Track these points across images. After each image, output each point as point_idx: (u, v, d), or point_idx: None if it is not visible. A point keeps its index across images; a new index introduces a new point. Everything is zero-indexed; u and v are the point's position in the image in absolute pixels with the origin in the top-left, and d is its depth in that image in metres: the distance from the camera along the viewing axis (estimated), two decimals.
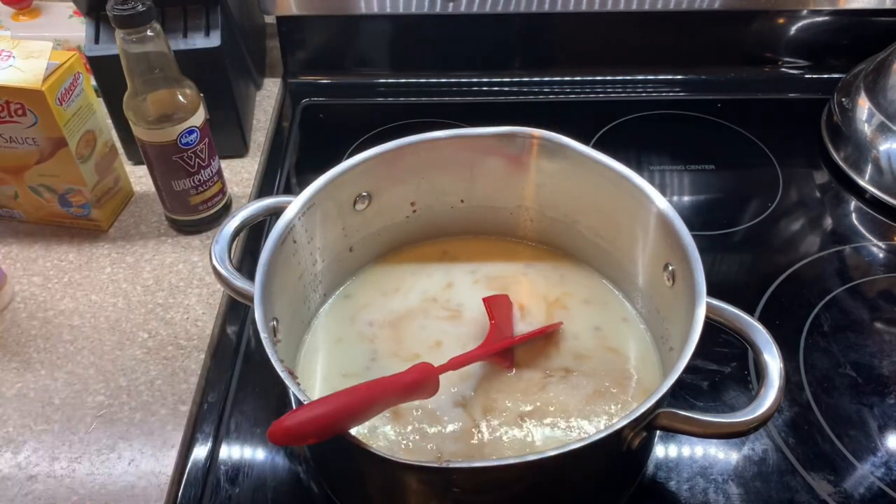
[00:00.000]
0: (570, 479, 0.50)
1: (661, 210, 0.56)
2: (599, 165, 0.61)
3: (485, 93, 0.98)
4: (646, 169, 0.85)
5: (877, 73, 0.84)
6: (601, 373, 0.59)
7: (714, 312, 0.51)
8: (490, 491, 0.48)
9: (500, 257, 0.69)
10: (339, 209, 0.62)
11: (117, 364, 0.64)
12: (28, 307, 0.69)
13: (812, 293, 0.70)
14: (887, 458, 0.58)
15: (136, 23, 0.62)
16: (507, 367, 0.59)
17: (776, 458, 0.58)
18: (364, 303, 0.66)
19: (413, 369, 0.50)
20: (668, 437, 0.59)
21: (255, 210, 0.59)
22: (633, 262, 0.62)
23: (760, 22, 0.96)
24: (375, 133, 0.88)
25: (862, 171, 0.82)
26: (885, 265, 0.74)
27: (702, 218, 0.80)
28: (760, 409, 0.46)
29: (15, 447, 0.58)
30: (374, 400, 0.46)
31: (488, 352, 0.58)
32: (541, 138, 0.63)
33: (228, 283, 0.54)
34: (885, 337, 0.67)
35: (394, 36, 0.97)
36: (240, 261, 0.74)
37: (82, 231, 0.76)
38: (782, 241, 0.77)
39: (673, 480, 0.57)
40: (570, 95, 0.98)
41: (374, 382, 0.47)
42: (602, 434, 0.44)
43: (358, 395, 0.45)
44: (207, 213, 0.75)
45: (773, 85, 0.99)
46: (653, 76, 0.99)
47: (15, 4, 0.91)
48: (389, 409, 0.52)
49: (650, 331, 0.62)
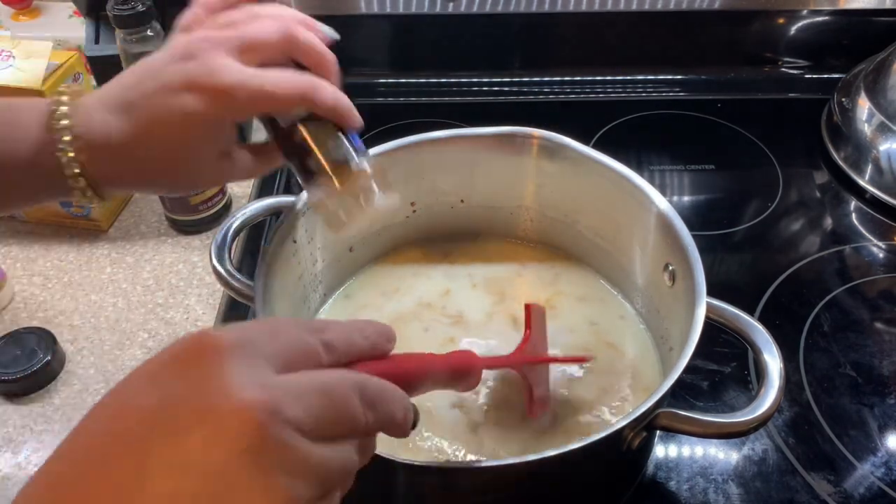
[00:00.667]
0: (570, 479, 0.50)
1: (661, 210, 0.56)
2: (599, 165, 0.61)
3: (485, 93, 0.98)
4: (646, 169, 0.85)
5: (877, 73, 0.84)
6: (602, 371, 0.59)
7: (714, 312, 0.51)
8: (490, 491, 0.48)
9: (500, 257, 0.69)
10: None
11: (117, 364, 0.64)
12: (28, 307, 0.69)
13: (812, 293, 0.70)
14: (887, 458, 0.58)
15: (136, 23, 0.62)
16: (536, 412, 0.53)
17: (776, 458, 0.58)
18: (364, 303, 0.66)
19: (461, 355, 0.44)
20: (668, 437, 0.59)
21: (255, 210, 0.59)
22: (633, 262, 0.62)
23: (760, 22, 0.96)
24: (375, 133, 0.88)
25: (862, 171, 0.82)
26: (885, 265, 0.74)
27: (702, 218, 0.80)
28: (760, 409, 0.46)
29: (15, 447, 0.58)
30: (425, 376, 0.40)
31: (525, 361, 0.53)
32: (541, 138, 0.63)
33: (228, 283, 0.54)
34: (885, 337, 0.67)
35: (394, 36, 0.97)
36: (240, 261, 0.73)
37: (82, 231, 0.76)
38: (782, 241, 0.77)
39: (673, 480, 0.57)
40: (570, 95, 0.98)
41: (425, 356, 0.41)
42: (602, 434, 0.44)
43: (412, 363, 0.39)
44: (207, 213, 0.75)
45: (773, 85, 0.99)
46: (653, 76, 0.99)
47: (15, 4, 0.91)
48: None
49: (650, 331, 0.62)
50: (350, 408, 0.31)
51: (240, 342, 0.30)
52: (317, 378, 0.31)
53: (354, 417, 0.31)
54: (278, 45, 0.44)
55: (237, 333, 0.30)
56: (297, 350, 0.32)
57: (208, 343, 0.29)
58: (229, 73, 0.42)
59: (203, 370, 0.29)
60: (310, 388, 0.30)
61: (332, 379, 0.32)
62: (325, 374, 0.32)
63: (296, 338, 0.32)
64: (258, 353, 0.30)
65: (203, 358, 0.29)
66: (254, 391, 0.28)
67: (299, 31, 0.44)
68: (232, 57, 0.42)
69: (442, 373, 0.41)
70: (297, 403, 0.29)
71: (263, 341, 0.31)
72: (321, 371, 0.32)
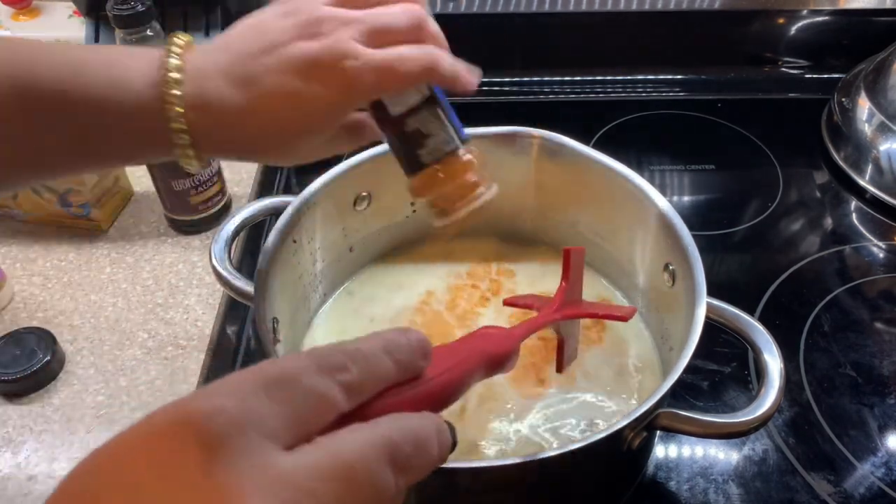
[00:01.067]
0: (570, 479, 0.50)
1: (661, 210, 0.56)
2: (599, 165, 0.61)
3: (485, 93, 0.98)
4: (646, 169, 0.85)
5: (877, 73, 0.84)
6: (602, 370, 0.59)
7: (714, 312, 0.51)
8: (490, 491, 0.48)
9: (500, 257, 0.69)
10: (339, 209, 0.62)
11: (117, 364, 0.64)
12: (28, 307, 0.69)
13: (812, 293, 0.70)
14: (887, 458, 0.58)
15: (136, 23, 0.62)
16: (564, 367, 0.55)
17: (776, 458, 0.58)
18: (367, 298, 0.66)
19: (492, 339, 0.40)
20: (668, 437, 0.59)
21: (255, 210, 0.59)
22: (633, 262, 0.62)
23: (760, 22, 0.96)
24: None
25: (862, 171, 0.82)
26: (885, 265, 0.74)
27: (702, 218, 0.80)
28: (760, 410, 0.46)
29: (15, 447, 0.58)
30: (462, 385, 0.35)
31: (560, 317, 0.50)
32: (541, 138, 0.63)
33: (228, 283, 0.54)
34: (885, 337, 0.67)
35: None
36: (240, 261, 0.73)
37: (82, 231, 0.76)
38: (782, 241, 0.77)
39: (673, 480, 0.57)
40: (570, 95, 0.98)
41: (455, 361, 0.35)
42: (602, 434, 0.44)
43: (447, 377, 0.34)
44: (207, 213, 0.75)
45: (773, 85, 0.99)
46: (653, 76, 0.99)
47: (15, 4, 0.91)
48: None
49: (650, 330, 0.62)
50: (378, 485, 0.27)
51: (234, 423, 0.25)
52: (337, 457, 0.26)
53: (383, 492, 0.27)
54: (408, 33, 0.42)
55: (230, 407, 0.25)
56: (309, 406, 0.27)
57: (192, 430, 0.24)
58: (359, 58, 0.39)
59: (188, 477, 0.24)
60: (328, 475, 0.26)
61: (354, 455, 0.27)
62: (346, 448, 0.27)
63: (306, 390, 0.27)
64: (259, 430, 0.25)
65: (187, 455, 0.24)
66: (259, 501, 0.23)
67: (428, 21, 0.43)
68: (361, 41, 0.40)
69: (480, 370, 0.37)
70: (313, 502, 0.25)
71: (264, 409, 0.26)
72: (341, 440, 0.27)
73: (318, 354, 0.29)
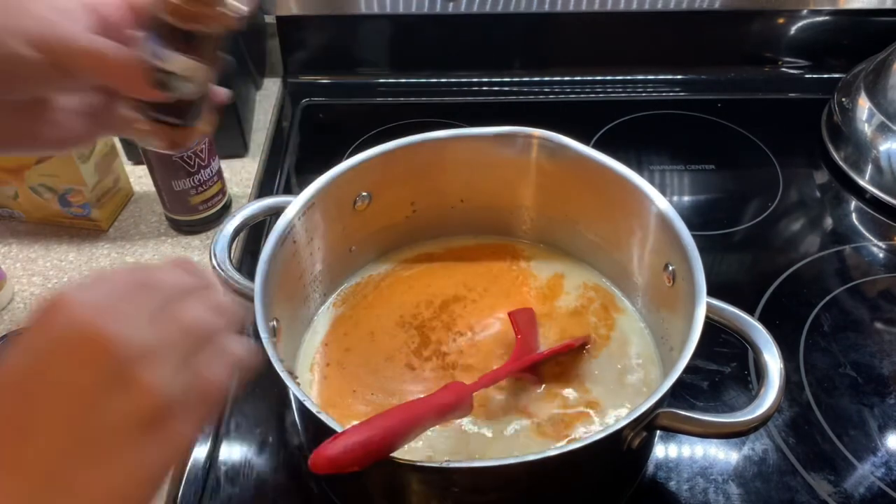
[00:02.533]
0: (570, 479, 0.50)
1: (661, 210, 0.56)
2: (599, 165, 0.61)
3: (485, 93, 0.98)
4: (646, 169, 0.85)
5: (877, 73, 0.84)
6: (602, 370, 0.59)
7: (714, 312, 0.51)
8: (490, 491, 0.48)
9: (500, 257, 0.69)
10: (339, 209, 0.62)
11: None
12: (28, 307, 0.69)
13: (812, 293, 0.70)
14: (887, 458, 0.58)
15: None
16: (536, 384, 0.58)
17: (776, 458, 0.58)
18: (368, 298, 0.66)
19: (447, 390, 0.48)
20: (668, 437, 0.59)
21: (255, 210, 0.59)
22: (633, 262, 0.62)
23: (760, 22, 0.96)
24: (375, 133, 0.88)
25: (862, 171, 0.82)
26: (885, 265, 0.74)
27: (702, 218, 0.80)
28: (760, 409, 0.46)
29: None
30: (413, 424, 0.44)
31: (518, 367, 0.56)
32: (541, 138, 0.63)
33: (228, 283, 0.54)
34: (885, 337, 0.67)
35: (394, 36, 0.97)
36: (240, 261, 0.73)
37: (82, 231, 0.76)
38: (782, 241, 0.77)
39: (673, 480, 0.57)
40: (570, 95, 0.98)
41: (409, 405, 0.45)
42: (602, 434, 0.44)
43: (395, 419, 0.43)
44: (207, 213, 0.75)
45: (773, 85, 0.99)
46: (653, 76, 0.99)
47: None
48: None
49: (650, 330, 0.62)
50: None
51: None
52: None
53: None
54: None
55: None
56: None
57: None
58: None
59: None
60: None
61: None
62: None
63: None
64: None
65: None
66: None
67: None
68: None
69: (429, 419, 0.45)
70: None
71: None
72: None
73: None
